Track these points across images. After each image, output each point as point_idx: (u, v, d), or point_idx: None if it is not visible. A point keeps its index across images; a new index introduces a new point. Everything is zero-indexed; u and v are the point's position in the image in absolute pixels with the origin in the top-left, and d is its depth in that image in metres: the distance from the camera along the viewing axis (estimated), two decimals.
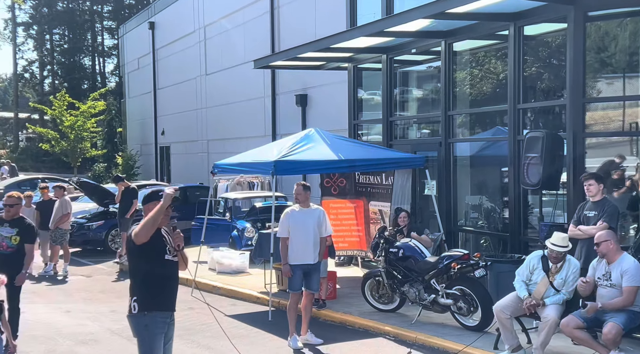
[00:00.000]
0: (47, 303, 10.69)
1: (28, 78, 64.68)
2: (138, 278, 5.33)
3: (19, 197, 8.26)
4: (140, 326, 5.27)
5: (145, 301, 5.25)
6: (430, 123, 12.54)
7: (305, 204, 8.27)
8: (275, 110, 20.39)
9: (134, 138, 33.89)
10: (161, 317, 5.32)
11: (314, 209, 8.35)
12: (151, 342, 5.28)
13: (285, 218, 8.18)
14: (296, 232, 8.11)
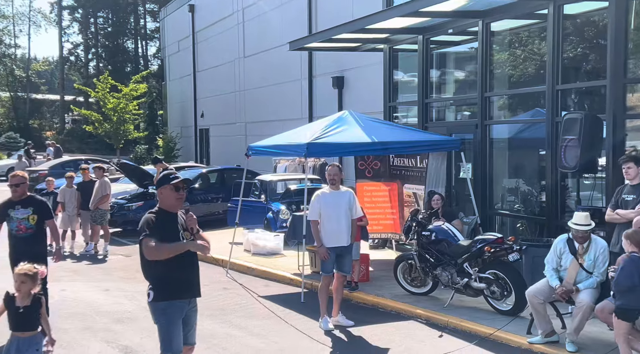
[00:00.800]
0: (86, 282, 10.95)
1: (73, 61, 65.92)
2: (151, 267, 5.14)
3: (23, 176, 7.81)
4: (158, 312, 5.18)
5: (161, 290, 5.15)
6: (467, 105, 12.35)
7: (336, 186, 8.24)
8: (312, 92, 20.38)
9: (175, 121, 34.32)
10: (180, 303, 5.22)
11: (344, 191, 8.30)
12: (169, 327, 5.17)
13: (316, 200, 8.17)
14: (328, 215, 8.07)
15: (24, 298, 5.53)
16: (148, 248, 4.96)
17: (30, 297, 5.54)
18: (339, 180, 8.25)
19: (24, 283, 5.50)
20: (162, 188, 5.25)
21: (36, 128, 58.08)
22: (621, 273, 6.22)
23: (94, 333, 7.76)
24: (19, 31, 64.79)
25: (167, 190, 5.20)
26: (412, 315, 8.60)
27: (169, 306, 5.16)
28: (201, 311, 8.83)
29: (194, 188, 16.83)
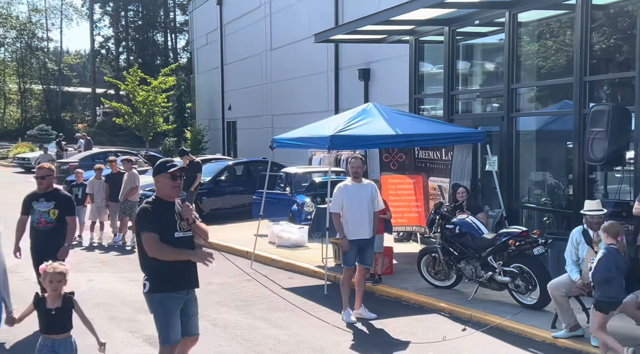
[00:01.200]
0: (113, 272, 11.10)
1: (104, 55, 66.71)
2: (149, 258, 5.06)
3: (49, 168, 7.67)
4: (155, 303, 5.11)
5: (156, 281, 5.06)
6: (493, 97, 12.21)
7: (359, 179, 8.22)
8: (338, 84, 20.36)
9: (203, 113, 34.55)
10: (176, 294, 5.14)
11: (367, 184, 8.28)
12: (167, 317, 5.09)
13: (339, 193, 8.15)
14: (351, 207, 8.06)
15: (55, 299, 5.18)
16: (152, 245, 4.95)
17: (61, 298, 5.20)
18: (362, 173, 8.24)
19: (60, 283, 5.15)
20: (159, 176, 5.18)
21: (68, 120, 58.98)
22: (598, 265, 6.26)
23: (119, 323, 7.88)
24: (51, 24, 65.69)
25: (164, 179, 5.13)
26: (436, 308, 8.57)
27: (165, 298, 5.08)
28: (225, 302, 9.00)
29: (220, 180, 16.96)
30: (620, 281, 6.31)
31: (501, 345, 7.17)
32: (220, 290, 9.70)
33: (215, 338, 7.37)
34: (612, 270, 6.21)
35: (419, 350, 7.02)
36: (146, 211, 5.07)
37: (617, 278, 6.27)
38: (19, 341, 7.28)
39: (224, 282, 9.98)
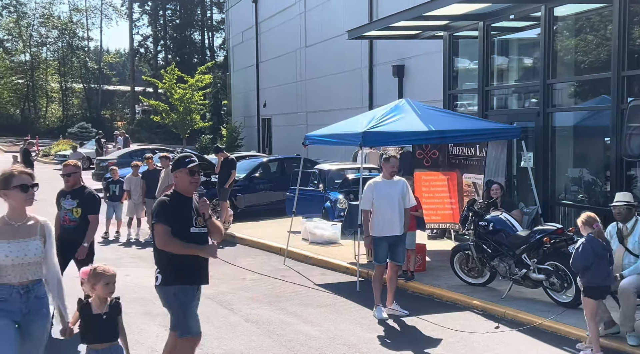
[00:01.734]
0: (150, 268, 11.11)
1: (143, 53, 67.76)
2: (162, 251, 5.08)
3: (75, 165, 7.58)
4: (169, 295, 5.09)
5: (169, 275, 5.06)
6: (528, 93, 12.04)
7: (392, 176, 8.20)
8: (372, 81, 20.30)
9: (238, 111, 34.82)
10: (190, 287, 5.14)
11: (397, 180, 8.24)
12: (184, 309, 5.09)
13: (369, 190, 8.14)
14: (382, 204, 8.04)
15: (102, 304, 4.80)
16: (162, 237, 4.97)
17: (108, 303, 4.83)
18: (397, 172, 8.22)
19: (113, 285, 4.83)
20: (177, 171, 5.22)
21: (108, 118, 60.12)
22: (575, 253, 6.52)
23: (153, 318, 8.00)
24: (91, 24, 67.41)
25: (183, 174, 5.17)
26: (468, 306, 8.51)
27: (179, 290, 5.07)
28: (258, 297, 9.08)
29: (255, 177, 17.07)
30: (601, 267, 6.46)
31: (535, 343, 7.09)
32: (253, 286, 9.78)
33: (247, 333, 7.44)
34: (589, 257, 6.41)
35: (450, 347, 6.98)
36: (163, 203, 5.11)
37: (597, 264, 6.43)
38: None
39: (257, 278, 10.06)
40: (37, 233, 4.49)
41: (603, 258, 6.49)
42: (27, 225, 4.47)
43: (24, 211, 4.49)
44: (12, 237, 4.39)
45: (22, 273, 4.38)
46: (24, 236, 4.41)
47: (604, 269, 6.50)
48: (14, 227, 4.43)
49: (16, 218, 4.45)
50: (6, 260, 4.31)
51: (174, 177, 5.30)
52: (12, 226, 4.43)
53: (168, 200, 5.16)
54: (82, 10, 64.67)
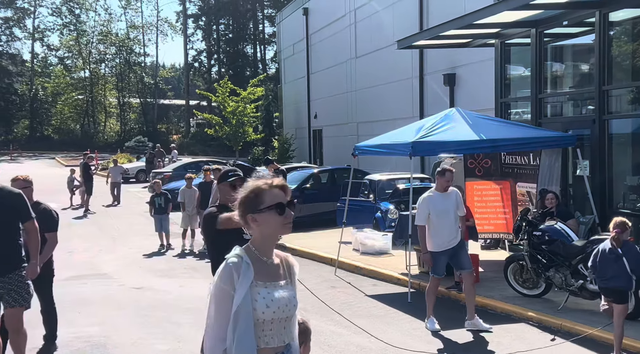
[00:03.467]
0: (204, 278, 11.41)
1: (197, 68, 69.16)
2: (216, 258, 5.04)
3: (25, 180, 6.69)
4: None
5: None
6: (583, 100, 11.77)
7: (447, 189, 8.03)
8: (423, 90, 20.20)
9: (289, 122, 35.10)
10: None
11: (450, 191, 8.10)
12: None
13: (424, 204, 7.97)
14: (440, 219, 7.87)
15: None
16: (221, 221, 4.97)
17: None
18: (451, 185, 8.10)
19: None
20: (220, 184, 5.41)
21: (164, 132, 61.48)
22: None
23: None
24: (147, 40, 68.94)
25: (225, 187, 5.33)
26: (523, 318, 8.34)
27: None
28: (309, 308, 9.09)
29: (306, 188, 17.17)
30: (602, 269, 6.74)
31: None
32: (304, 297, 9.76)
33: None
34: (594, 259, 6.78)
35: None
36: (213, 213, 5.21)
37: (601, 267, 6.75)
38: None
39: (308, 288, 10.08)
40: (286, 274, 3.22)
41: (611, 261, 6.62)
42: (275, 263, 3.18)
43: (275, 243, 3.22)
44: (268, 279, 3.10)
45: (279, 332, 3.09)
46: (276, 278, 3.12)
47: (607, 271, 6.65)
48: (266, 265, 3.15)
49: (267, 251, 3.15)
50: (267, 312, 3.01)
51: (218, 189, 5.50)
52: (263, 264, 3.15)
53: (215, 211, 5.28)
54: (138, 27, 66.48)
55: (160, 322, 8.38)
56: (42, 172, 36.51)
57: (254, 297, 2.97)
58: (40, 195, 18.30)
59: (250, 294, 2.95)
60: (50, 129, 62.86)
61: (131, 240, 15.96)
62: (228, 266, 2.99)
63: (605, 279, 6.69)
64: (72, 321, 8.45)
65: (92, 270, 12.26)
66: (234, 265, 2.99)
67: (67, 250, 14.48)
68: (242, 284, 2.94)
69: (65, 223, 18.77)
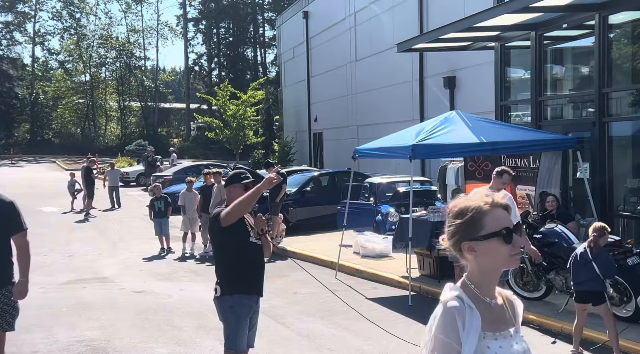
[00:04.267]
0: (205, 282, 11.42)
1: (197, 71, 69.21)
2: (222, 260, 5.16)
3: None
4: (226, 308, 5.11)
5: (229, 284, 5.10)
6: (583, 102, 11.78)
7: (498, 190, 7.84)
8: (423, 93, 20.21)
9: (290, 126, 35.11)
10: (247, 300, 5.17)
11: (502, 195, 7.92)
12: (237, 324, 5.10)
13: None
14: None
15: None
16: (227, 213, 4.93)
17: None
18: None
19: None
20: (232, 186, 5.27)
21: (164, 135, 61.49)
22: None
23: (208, 332, 8.11)
24: (148, 44, 68.99)
25: (237, 189, 5.22)
26: (524, 321, 8.25)
27: (237, 303, 5.11)
28: (310, 311, 9.10)
29: (306, 191, 17.17)
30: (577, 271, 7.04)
31: None
32: (304, 300, 9.82)
33: (299, 348, 7.46)
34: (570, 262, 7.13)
35: None
36: (220, 212, 5.16)
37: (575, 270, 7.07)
38: None
39: (308, 292, 10.10)
40: (512, 318, 2.39)
41: (580, 266, 6.92)
42: (499, 304, 2.36)
43: (497, 280, 2.36)
44: (496, 327, 2.28)
45: None
46: (504, 325, 2.32)
47: (579, 276, 6.95)
48: (490, 308, 2.31)
49: (489, 290, 2.33)
50: None
51: (227, 191, 5.34)
52: (487, 307, 2.30)
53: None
54: (139, 31, 66.54)
55: (160, 325, 8.38)
56: (42, 176, 36.55)
57: (483, 353, 2.21)
58: (41, 198, 18.47)
59: (479, 348, 2.20)
60: (51, 133, 62.89)
61: (132, 243, 15.97)
62: (448, 311, 2.22)
63: (578, 283, 6.93)
64: (73, 324, 8.46)
65: (92, 273, 12.26)
66: (456, 310, 2.21)
67: (68, 254, 14.49)
68: (469, 336, 2.19)
69: (66, 227, 18.80)
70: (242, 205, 4.90)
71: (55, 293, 10.49)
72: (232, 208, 4.95)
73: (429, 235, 10.34)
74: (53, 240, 16.43)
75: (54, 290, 10.80)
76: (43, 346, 7.48)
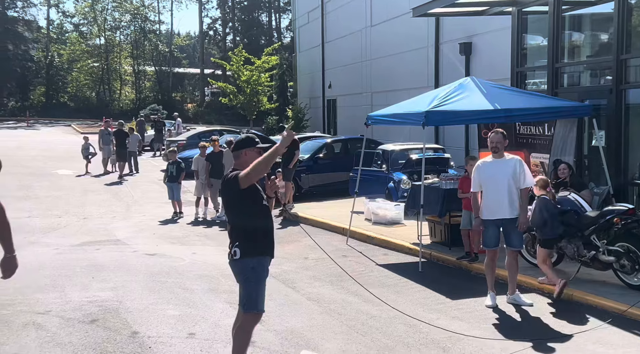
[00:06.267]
0: (216, 246, 11.52)
1: (212, 36, 68.77)
2: (241, 222, 5.11)
3: None
4: (247, 269, 5.10)
5: (250, 246, 5.08)
6: (601, 69, 11.57)
7: (499, 154, 7.67)
8: (438, 60, 19.95)
9: (304, 92, 34.93)
10: (265, 261, 5.17)
11: (509, 159, 7.69)
12: (258, 285, 5.13)
13: (476, 172, 7.75)
14: (488, 185, 7.59)
15: None
16: (246, 175, 4.87)
17: None
18: (502, 148, 7.66)
19: None
20: (247, 149, 5.21)
21: (178, 100, 61.40)
22: (534, 212, 8.12)
23: (218, 295, 8.19)
24: (162, 7, 68.48)
25: (253, 152, 5.17)
26: (534, 288, 8.33)
27: (258, 264, 5.11)
28: (320, 277, 9.15)
29: (319, 157, 17.14)
30: (553, 222, 8.07)
31: (603, 327, 6.87)
32: (315, 265, 9.87)
33: (308, 312, 7.52)
34: (544, 215, 8.01)
35: (510, 327, 6.87)
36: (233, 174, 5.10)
37: (550, 221, 8.04)
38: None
39: (319, 257, 10.14)
40: None
41: (554, 216, 8.04)
42: None
43: None
44: None
45: None
46: None
47: (556, 225, 8.06)
48: None
49: None
50: None
51: (242, 154, 5.22)
52: None
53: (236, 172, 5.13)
54: None
55: (172, 288, 8.47)
56: (58, 139, 36.76)
57: None
58: (56, 161, 18.60)
59: None
60: (66, 96, 62.95)
61: (145, 207, 16.09)
62: None
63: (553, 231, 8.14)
64: (86, 285, 8.57)
65: (106, 236, 12.38)
66: None
67: (82, 216, 14.64)
68: None
69: (81, 190, 18.95)
70: (262, 166, 4.82)
71: (69, 254, 10.62)
72: (252, 169, 4.85)
73: (440, 202, 10.31)
74: (67, 202, 16.59)
75: (68, 251, 10.94)
76: (56, 305, 7.60)
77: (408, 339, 6.52)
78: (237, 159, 5.26)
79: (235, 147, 5.34)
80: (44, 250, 10.98)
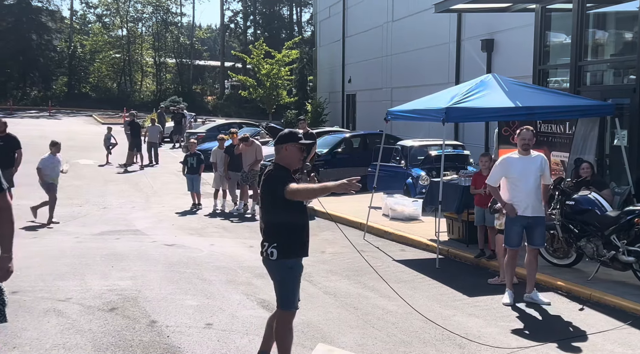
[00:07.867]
0: (234, 238, 11.60)
1: (233, 29, 68.91)
2: (283, 223, 5.04)
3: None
4: (285, 269, 5.08)
5: (290, 247, 5.05)
6: (624, 68, 11.45)
7: (527, 151, 7.61)
8: (460, 56, 19.85)
9: (324, 86, 34.90)
10: (301, 261, 5.17)
11: (535, 156, 7.64)
12: (294, 284, 5.14)
13: (500, 165, 7.67)
14: (515, 183, 7.53)
15: None
16: (292, 192, 4.83)
17: None
18: (532, 145, 7.62)
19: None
20: (288, 144, 5.08)
21: (199, 93, 61.68)
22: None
23: (236, 286, 8.25)
24: (184, 0, 68.48)
25: (295, 148, 5.08)
26: (552, 287, 8.29)
27: (296, 264, 5.12)
28: (337, 271, 9.18)
29: (337, 152, 17.14)
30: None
31: (622, 327, 6.83)
32: (332, 259, 9.90)
33: (325, 305, 7.55)
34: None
35: (527, 325, 6.85)
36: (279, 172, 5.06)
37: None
38: None
39: (336, 252, 10.17)
40: None
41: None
42: None
43: None
44: None
45: None
46: None
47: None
48: None
49: None
50: None
51: (283, 149, 5.09)
52: None
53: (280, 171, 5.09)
54: None
55: (190, 278, 8.55)
56: (80, 129, 37.12)
57: None
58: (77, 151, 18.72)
59: None
60: (88, 87, 63.50)
61: (164, 198, 16.22)
62: None
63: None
64: (106, 274, 8.68)
65: (125, 225, 12.51)
66: None
67: (102, 206, 14.80)
68: None
69: (101, 180, 19.14)
70: (310, 195, 4.95)
71: (89, 243, 10.75)
72: (301, 192, 4.85)
73: (458, 199, 10.28)
74: (88, 192, 16.78)
75: (88, 239, 11.07)
76: (76, 293, 7.70)
77: (424, 335, 6.53)
78: (278, 153, 5.13)
79: (278, 140, 5.21)
80: (64, 238, 11.13)
